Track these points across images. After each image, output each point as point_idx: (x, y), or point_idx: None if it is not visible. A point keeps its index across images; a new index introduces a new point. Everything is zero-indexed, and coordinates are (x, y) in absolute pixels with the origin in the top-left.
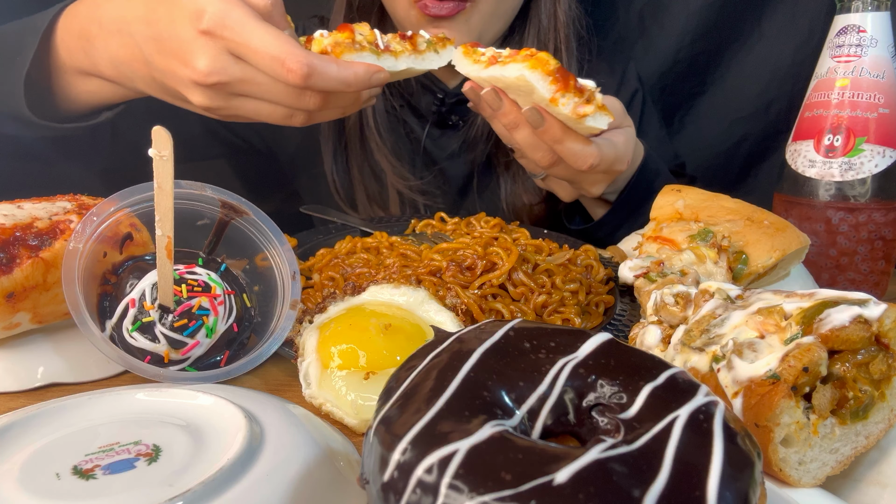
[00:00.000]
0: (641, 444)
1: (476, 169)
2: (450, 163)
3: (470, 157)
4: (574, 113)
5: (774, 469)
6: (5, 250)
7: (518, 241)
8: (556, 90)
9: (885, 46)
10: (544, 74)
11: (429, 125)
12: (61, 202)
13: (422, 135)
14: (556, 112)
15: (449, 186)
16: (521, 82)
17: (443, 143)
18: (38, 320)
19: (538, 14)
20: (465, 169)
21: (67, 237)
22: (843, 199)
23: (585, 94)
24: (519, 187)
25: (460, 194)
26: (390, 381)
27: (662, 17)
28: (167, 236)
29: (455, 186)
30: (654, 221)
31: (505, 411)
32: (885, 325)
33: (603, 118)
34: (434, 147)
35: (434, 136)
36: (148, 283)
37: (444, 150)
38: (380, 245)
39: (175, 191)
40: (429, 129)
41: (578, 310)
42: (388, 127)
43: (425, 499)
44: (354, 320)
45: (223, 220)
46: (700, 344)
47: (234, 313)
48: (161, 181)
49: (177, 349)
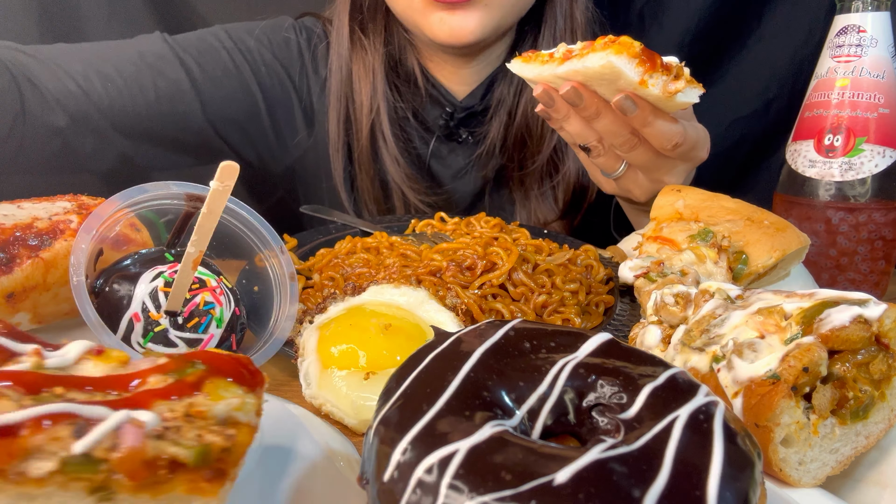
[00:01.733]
0: (641, 444)
1: (487, 186)
2: (460, 181)
3: (481, 174)
4: (664, 91)
5: (774, 469)
6: (5, 250)
7: (518, 241)
8: (644, 71)
9: (885, 46)
10: (630, 57)
11: (434, 140)
12: (61, 202)
13: (428, 150)
14: (645, 94)
15: (458, 204)
16: (606, 70)
17: (451, 160)
18: (38, 320)
19: (553, 15)
20: (475, 186)
21: (67, 237)
22: (843, 199)
23: (673, 71)
24: (533, 203)
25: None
26: (390, 381)
27: (662, 17)
28: (199, 251)
29: (464, 204)
30: (654, 221)
31: (505, 411)
32: (885, 325)
33: (693, 91)
34: (441, 165)
35: (442, 153)
36: (143, 293)
37: (451, 167)
38: (380, 245)
39: (141, 196)
40: (436, 144)
41: (578, 310)
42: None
43: (425, 499)
44: (354, 320)
45: (188, 213)
46: (700, 344)
47: (232, 298)
48: (212, 208)
49: (195, 347)
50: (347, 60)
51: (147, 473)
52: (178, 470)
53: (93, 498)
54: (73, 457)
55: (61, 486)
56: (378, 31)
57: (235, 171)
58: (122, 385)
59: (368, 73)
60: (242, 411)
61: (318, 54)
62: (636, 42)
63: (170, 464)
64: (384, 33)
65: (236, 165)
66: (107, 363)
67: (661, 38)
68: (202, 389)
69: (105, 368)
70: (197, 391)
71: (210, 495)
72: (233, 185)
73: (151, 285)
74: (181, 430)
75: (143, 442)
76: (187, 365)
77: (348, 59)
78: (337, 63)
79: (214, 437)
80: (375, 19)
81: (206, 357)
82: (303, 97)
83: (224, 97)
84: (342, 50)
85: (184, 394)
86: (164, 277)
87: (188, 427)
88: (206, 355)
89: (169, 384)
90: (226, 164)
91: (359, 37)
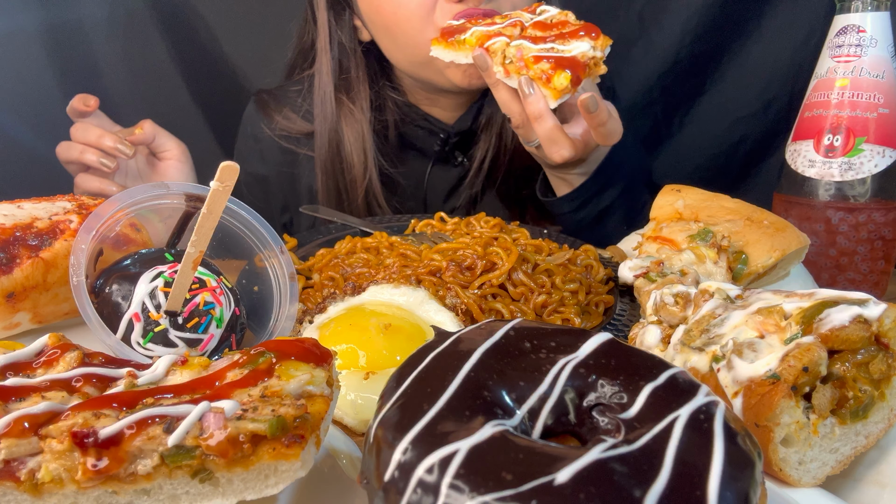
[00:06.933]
0: (642, 443)
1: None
2: (448, 203)
3: (471, 192)
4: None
5: (774, 469)
6: (5, 250)
7: (518, 240)
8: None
9: (885, 46)
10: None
11: (431, 166)
12: (61, 202)
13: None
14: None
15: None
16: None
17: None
18: (38, 320)
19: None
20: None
21: (67, 237)
22: (843, 199)
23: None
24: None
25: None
26: (390, 380)
27: (662, 17)
28: (199, 251)
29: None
30: (653, 221)
31: (505, 411)
32: (884, 325)
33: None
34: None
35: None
36: (143, 293)
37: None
38: (380, 245)
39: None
40: (432, 170)
41: (578, 310)
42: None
43: (426, 498)
44: (354, 320)
45: (188, 213)
46: (700, 344)
47: (232, 298)
48: (212, 208)
49: (194, 347)
50: (335, 128)
51: (234, 450)
52: (260, 442)
53: (196, 480)
54: (169, 449)
55: (168, 476)
56: (364, 97)
57: (235, 171)
58: (208, 385)
59: (359, 139)
60: (314, 384)
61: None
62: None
63: (252, 438)
64: (369, 93)
65: (236, 166)
66: (191, 370)
67: (661, 38)
68: (274, 373)
69: (190, 374)
70: (269, 376)
71: (293, 458)
72: (233, 186)
73: (151, 285)
74: (258, 410)
75: (225, 424)
76: (258, 356)
77: (335, 127)
78: (324, 134)
79: (287, 409)
80: (360, 85)
81: (273, 345)
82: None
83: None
84: (328, 119)
85: (258, 380)
86: (164, 277)
87: (263, 406)
88: (274, 344)
89: (245, 375)
90: (226, 165)
91: (347, 105)
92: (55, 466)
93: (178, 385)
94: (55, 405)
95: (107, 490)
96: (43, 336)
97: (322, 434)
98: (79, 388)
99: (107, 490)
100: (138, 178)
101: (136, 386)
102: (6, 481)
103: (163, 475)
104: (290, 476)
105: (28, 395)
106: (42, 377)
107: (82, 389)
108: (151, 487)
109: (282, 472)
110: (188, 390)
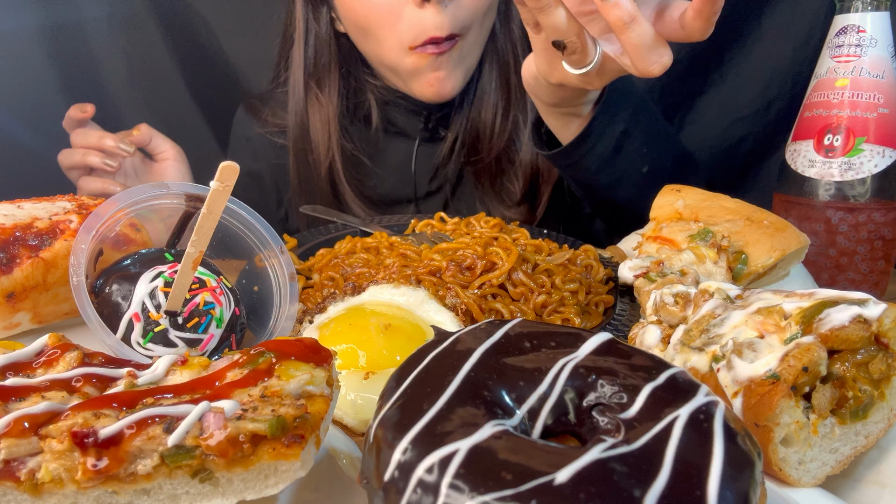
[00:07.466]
0: (642, 443)
1: (447, 186)
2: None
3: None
4: None
5: (774, 469)
6: (5, 250)
7: (518, 240)
8: None
9: (885, 46)
10: None
11: (417, 145)
12: (61, 202)
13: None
14: None
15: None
16: None
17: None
18: (38, 320)
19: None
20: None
21: (67, 237)
22: (843, 199)
23: None
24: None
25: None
26: (390, 381)
27: None
28: (199, 251)
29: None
30: (653, 221)
31: (505, 411)
32: (884, 325)
33: None
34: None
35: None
36: (143, 293)
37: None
38: (380, 245)
39: (141, 196)
40: (419, 149)
41: (578, 310)
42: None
43: (426, 498)
44: (354, 320)
45: (188, 213)
46: (700, 344)
47: (232, 298)
48: (212, 208)
49: (194, 347)
50: (303, 114)
51: (234, 450)
52: (260, 442)
53: (196, 479)
54: (169, 449)
55: (168, 476)
56: (333, 85)
57: (235, 171)
58: (208, 385)
59: (325, 125)
60: (314, 384)
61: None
62: None
63: (251, 438)
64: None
65: (236, 166)
66: (191, 370)
67: None
68: (274, 373)
69: (190, 374)
70: (269, 376)
71: (293, 458)
72: (233, 186)
73: (151, 285)
74: (258, 410)
75: (225, 424)
76: (258, 356)
77: (304, 113)
78: (294, 119)
79: (286, 409)
80: (330, 74)
81: (273, 345)
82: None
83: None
84: (297, 106)
85: (258, 380)
86: (164, 277)
87: (263, 406)
88: (274, 344)
89: (245, 375)
90: (226, 165)
91: (315, 92)
92: (55, 466)
93: (178, 385)
94: (55, 405)
95: (107, 490)
96: (43, 336)
97: (322, 434)
98: (79, 388)
99: (107, 490)
100: (136, 180)
101: (136, 386)
102: (6, 481)
103: (163, 475)
104: (290, 476)
105: (28, 395)
106: (42, 377)
107: (82, 389)
108: (151, 487)
109: (282, 472)
110: (188, 390)
